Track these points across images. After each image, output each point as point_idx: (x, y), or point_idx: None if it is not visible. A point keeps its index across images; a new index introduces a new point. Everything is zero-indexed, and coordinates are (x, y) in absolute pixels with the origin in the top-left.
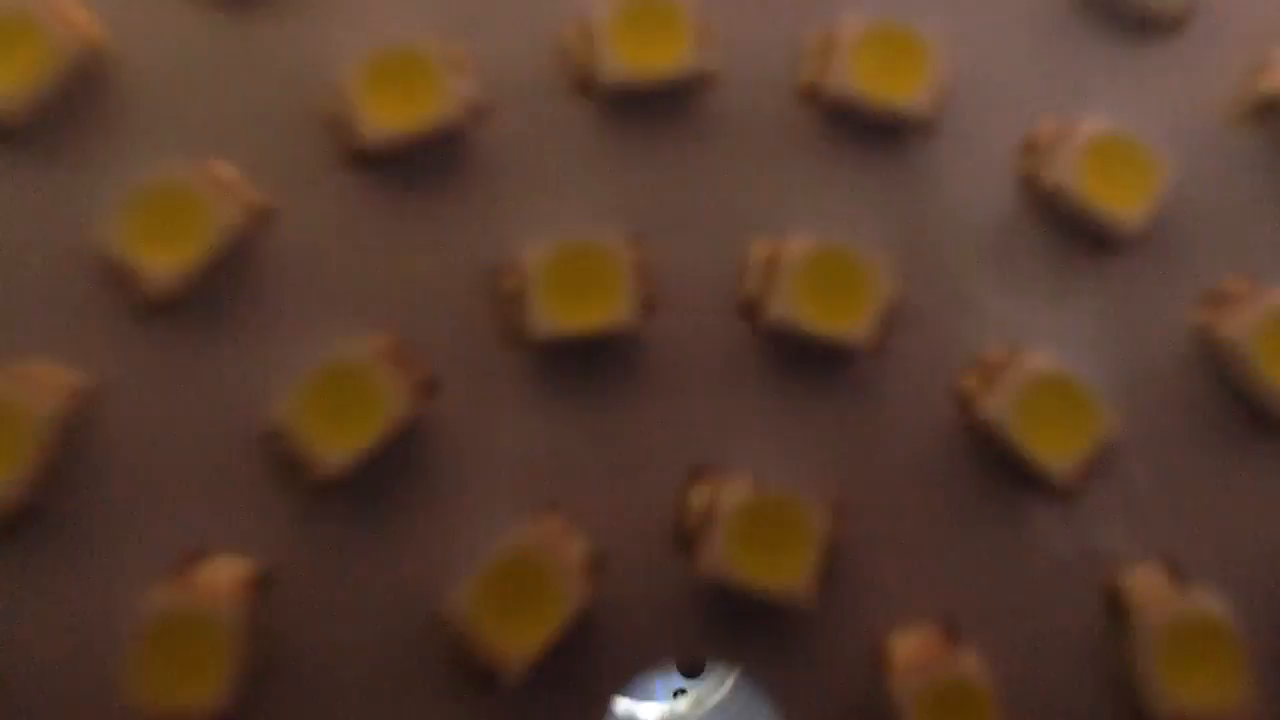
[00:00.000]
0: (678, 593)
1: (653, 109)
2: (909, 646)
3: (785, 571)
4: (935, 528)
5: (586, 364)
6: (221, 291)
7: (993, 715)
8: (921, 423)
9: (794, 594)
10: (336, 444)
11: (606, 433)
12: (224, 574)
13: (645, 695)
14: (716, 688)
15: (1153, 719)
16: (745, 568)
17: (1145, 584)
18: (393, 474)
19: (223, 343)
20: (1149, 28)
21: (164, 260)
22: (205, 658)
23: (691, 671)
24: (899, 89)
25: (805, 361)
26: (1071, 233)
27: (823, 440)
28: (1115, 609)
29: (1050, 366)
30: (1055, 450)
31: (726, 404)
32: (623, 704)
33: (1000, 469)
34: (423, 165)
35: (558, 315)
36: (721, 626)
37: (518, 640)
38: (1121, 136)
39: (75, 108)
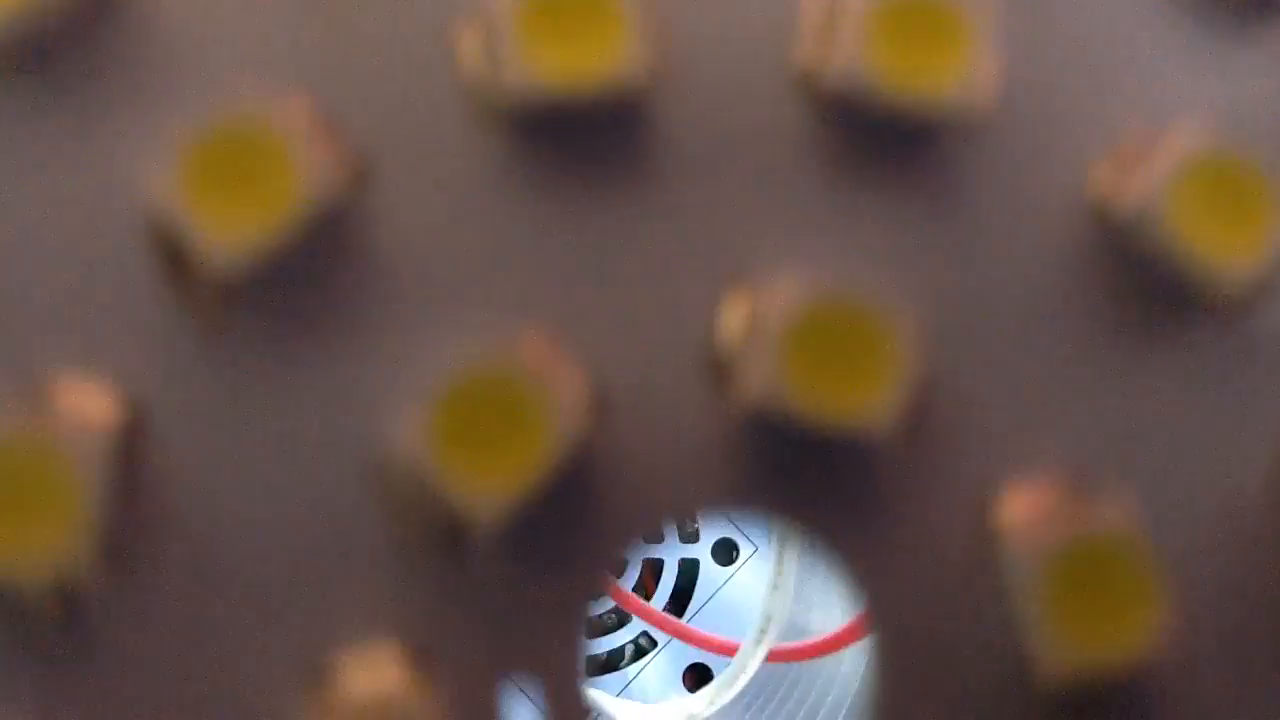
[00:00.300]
0: (709, 436)
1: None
2: (1027, 501)
3: (856, 398)
4: (1056, 360)
5: (581, 140)
6: None
7: (1151, 579)
8: (1037, 223)
9: (870, 425)
10: (230, 232)
11: (608, 232)
12: (85, 404)
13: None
14: (729, 684)
15: None
16: (803, 394)
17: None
18: (315, 278)
19: (92, 108)
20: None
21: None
22: (53, 506)
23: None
24: (930, 75)
25: (878, 138)
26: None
27: (901, 245)
28: None
29: (1211, 143)
30: (1223, 248)
31: (770, 195)
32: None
33: (1146, 281)
34: None
35: (539, 63)
36: (770, 479)
37: (490, 484)
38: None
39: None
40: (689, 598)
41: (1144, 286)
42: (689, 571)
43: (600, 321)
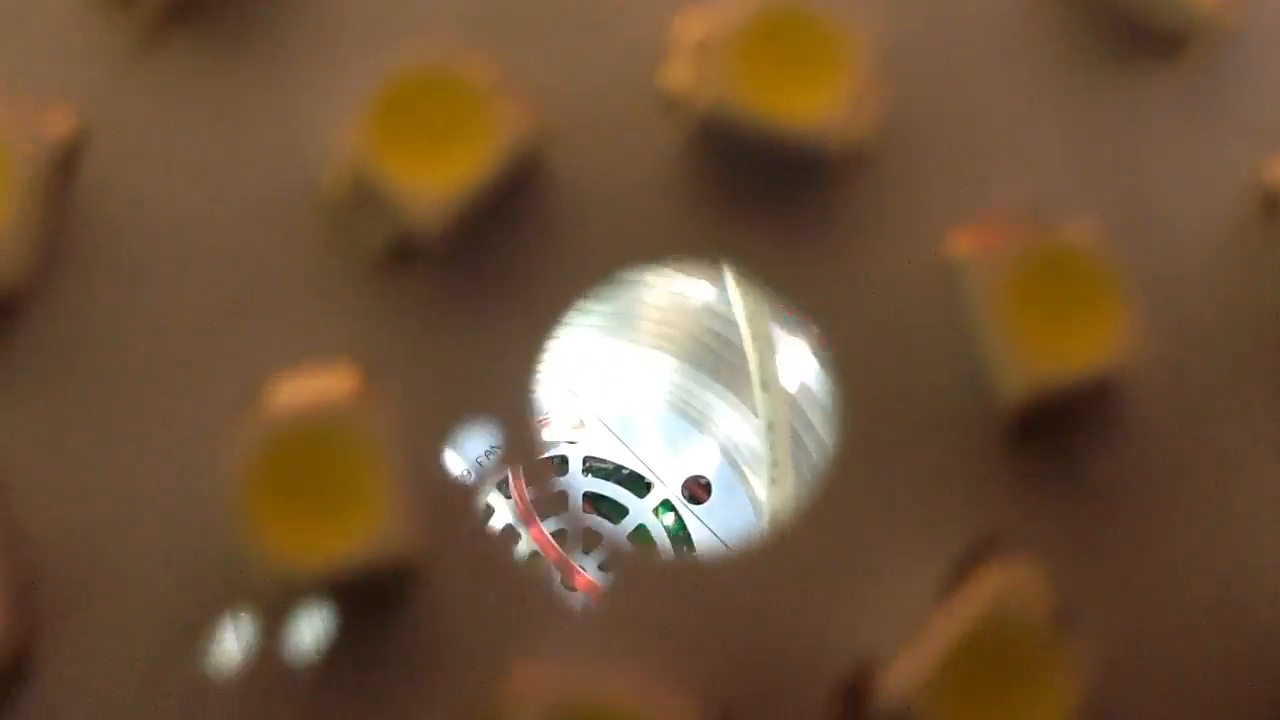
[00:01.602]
0: (661, 165)
1: None
2: (988, 227)
3: (806, 106)
4: (1019, 95)
5: None
6: None
7: (1113, 293)
8: None
9: (819, 134)
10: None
11: None
12: (29, 114)
13: None
14: None
15: None
16: (753, 100)
17: None
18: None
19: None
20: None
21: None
22: None
23: None
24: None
25: None
26: None
27: None
28: (1273, 208)
29: None
30: None
31: None
32: None
33: (1109, 18)
34: None
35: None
36: (721, 213)
37: (432, 182)
38: None
39: None
40: None
41: (1107, 23)
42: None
43: (550, 50)
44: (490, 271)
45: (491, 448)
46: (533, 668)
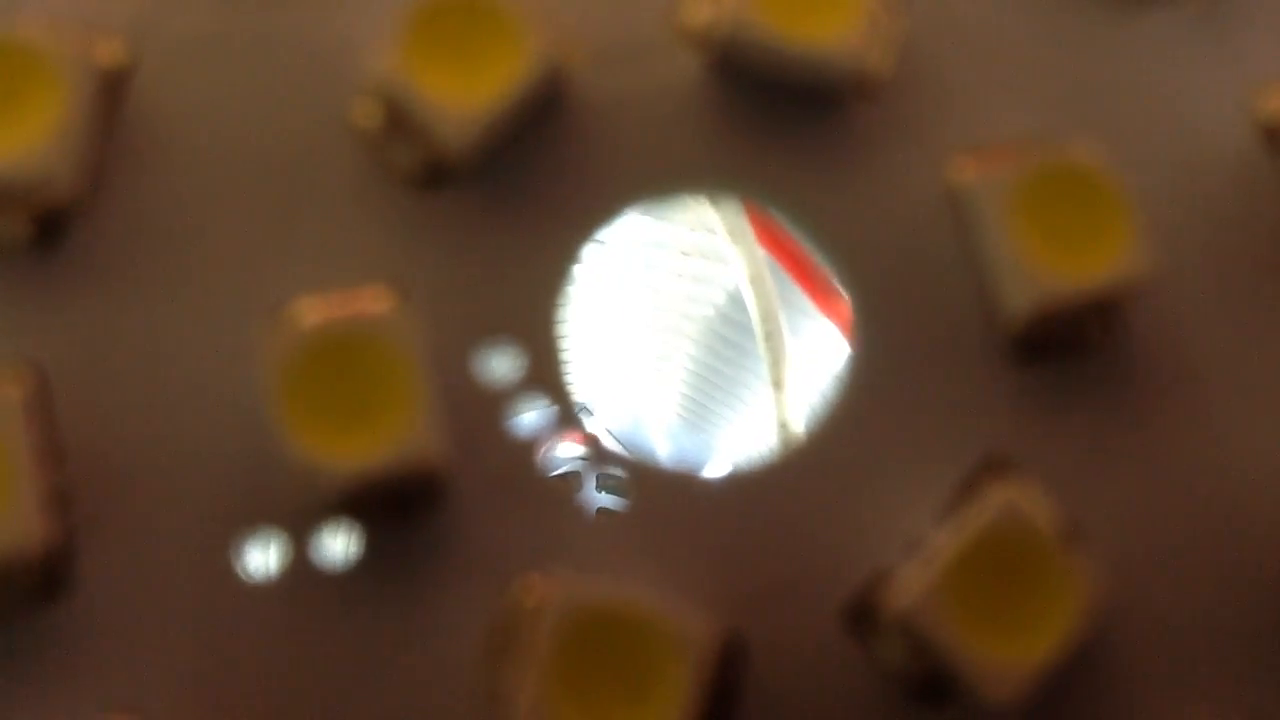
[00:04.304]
0: (682, 92)
1: None
2: (996, 150)
3: (823, 33)
4: (1026, 30)
5: None
6: None
7: (1117, 210)
8: None
9: (834, 57)
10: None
11: None
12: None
13: None
14: None
15: None
16: (770, 26)
17: None
18: None
19: None
20: None
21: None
22: (37, 110)
23: None
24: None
25: None
26: None
27: None
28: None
29: None
30: None
31: None
32: None
33: None
34: None
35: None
36: (739, 142)
37: (462, 100)
38: None
39: None
40: None
41: None
42: None
43: None
44: (517, 194)
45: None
46: (552, 575)
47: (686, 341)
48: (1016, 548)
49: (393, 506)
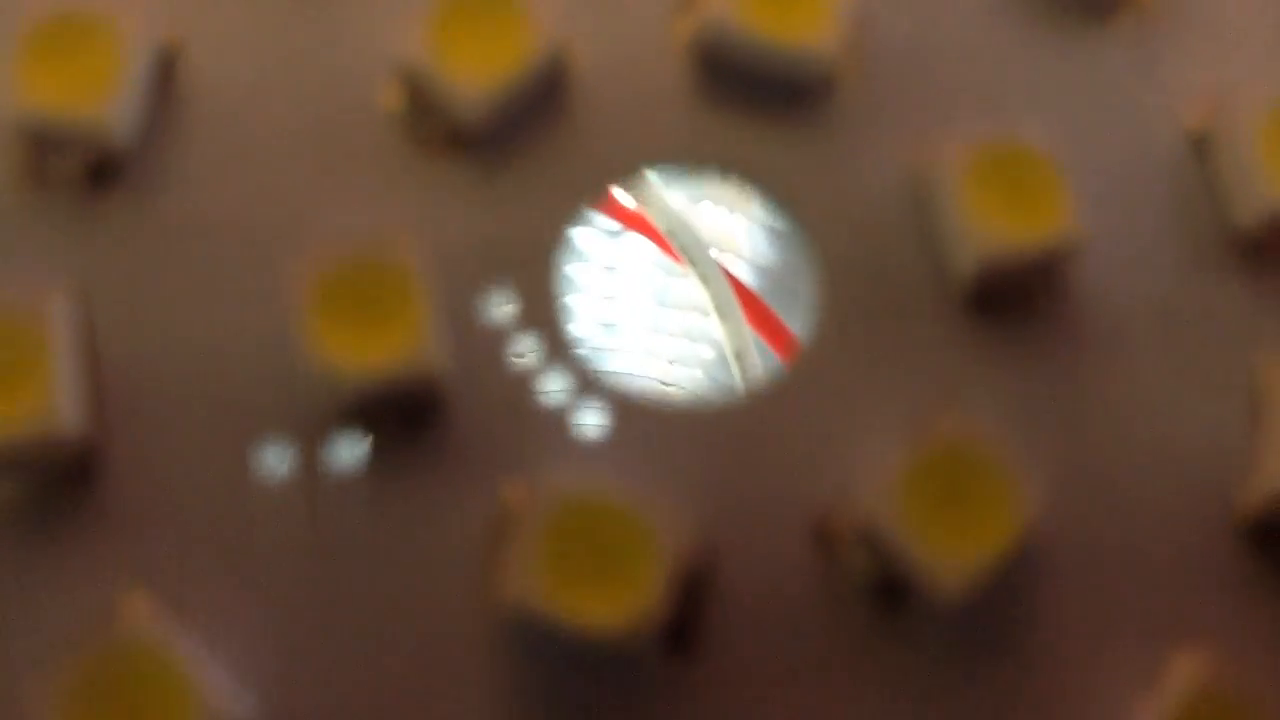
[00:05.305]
0: (672, 73)
1: None
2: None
3: (801, 26)
4: (988, 29)
5: None
6: None
7: (1056, 184)
8: None
9: (811, 50)
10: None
11: None
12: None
13: None
14: None
15: None
16: (751, 20)
17: None
18: None
19: None
20: None
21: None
22: (95, 69)
23: None
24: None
25: None
26: None
27: None
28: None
29: None
30: None
31: None
32: None
33: None
34: None
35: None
36: (722, 124)
37: (477, 77)
38: None
39: None
40: None
41: None
42: None
43: None
44: (523, 160)
45: None
46: (543, 476)
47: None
48: (963, 464)
49: (399, 417)
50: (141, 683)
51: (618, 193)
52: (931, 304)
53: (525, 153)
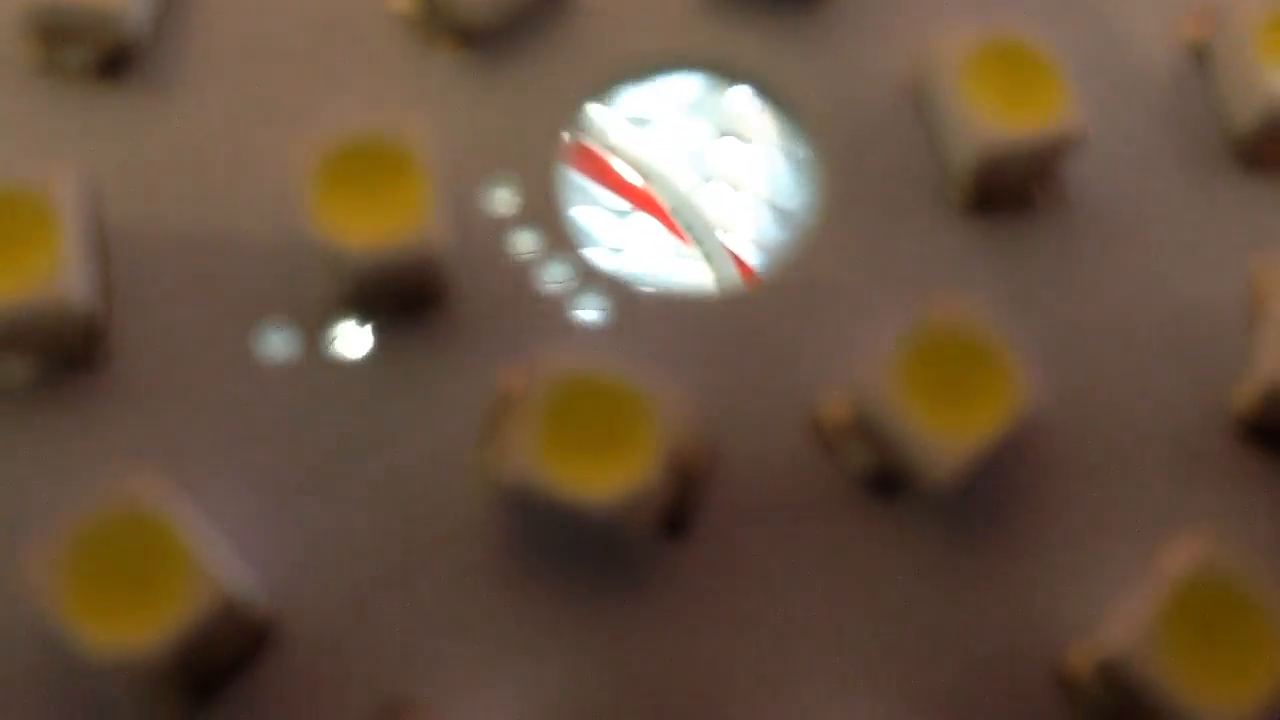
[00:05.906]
0: None
1: None
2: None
3: None
4: None
5: None
6: None
7: (1055, 81)
8: None
9: None
10: None
11: None
12: None
13: None
14: None
15: None
16: None
17: None
18: None
19: None
20: None
21: None
22: None
23: None
24: None
25: None
26: None
27: None
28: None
29: None
30: None
31: None
32: None
33: None
34: None
35: None
36: (724, 16)
37: None
38: None
39: None
40: None
41: None
42: None
43: None
44: (528, 55)
45: None
46: (544, 355)
47: None
48: (959, 349)
49: (401, 303)
50: (143, 553)
51: (625, 171)
52: (931, 201)
53: (529, 49)
